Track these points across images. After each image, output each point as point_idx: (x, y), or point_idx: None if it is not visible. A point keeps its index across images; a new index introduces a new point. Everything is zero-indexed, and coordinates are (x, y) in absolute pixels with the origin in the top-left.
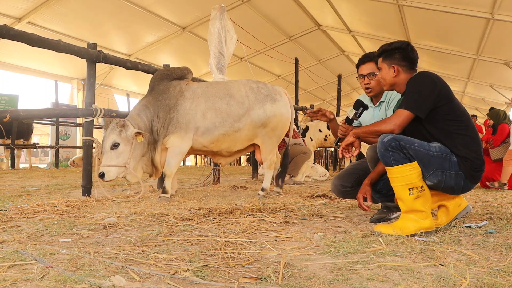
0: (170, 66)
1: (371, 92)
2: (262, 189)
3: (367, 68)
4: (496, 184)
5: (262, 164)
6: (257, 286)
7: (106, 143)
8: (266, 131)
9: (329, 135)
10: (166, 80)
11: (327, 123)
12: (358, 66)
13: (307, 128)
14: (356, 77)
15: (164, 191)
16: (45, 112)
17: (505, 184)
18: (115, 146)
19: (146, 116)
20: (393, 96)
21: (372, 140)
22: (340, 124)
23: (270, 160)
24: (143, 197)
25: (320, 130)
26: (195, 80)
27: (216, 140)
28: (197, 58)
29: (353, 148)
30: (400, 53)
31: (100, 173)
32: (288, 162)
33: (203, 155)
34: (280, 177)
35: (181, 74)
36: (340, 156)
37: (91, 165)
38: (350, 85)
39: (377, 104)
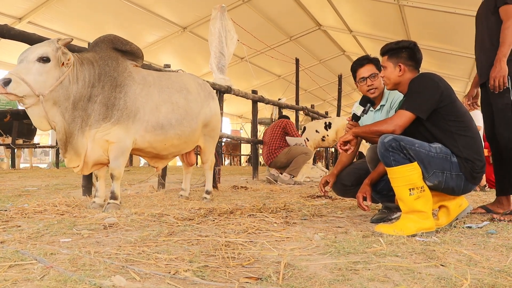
0: (171, 66)
1: (375, 93)
2: (207, 192)
3: (367, 70)
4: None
5: (190, 166)
6: (258, 286)
7: (33, 52)
8: (208, 130)
9: (327, 135)
10: (114, 47)
11: (324, 124)
12: (356, 69)
13: (304, 129)
14: (356, 82)
15: (114, 196)
16: None
17: (485, 185)
18: (43, 60)
19: (89, 73)
20: (396, 98)
21: (373, 139)
22: (347, 120)
23: (211, 160)
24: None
25: (317, 131)
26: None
27: (169, 141)
28: (197, 58)
29: (349, 145)
30: (408, 52)
31: (6, 78)
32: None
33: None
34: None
35: (135, 52)
36: (340, 151)
37: None
38: (350, 85)
39: (378, 107)
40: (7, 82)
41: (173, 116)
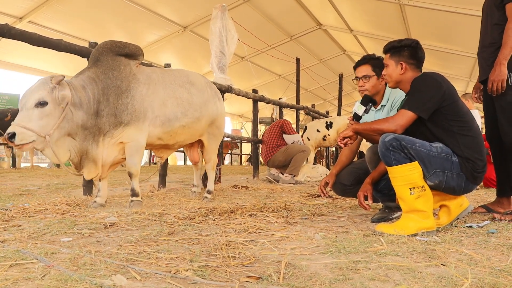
0: (171, 66)
1: (364, 93)
2: (209, 192)
3: (361, 70)
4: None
5: (196, 164)
6: (258, 285)
7: (30, 97)
8: (213, 129)
9: (328, 134)
10: (115, 54)
11: (325, 123)
12: (354, 69)
13: (305, 129)
14: (352, 79)
15: (135, 194)
16: None
17: None
18: (41, 104)
19: (93, 92)
20: (397, 98)
21: (373, 137)
22: (348, 119)
23: (214, 160)
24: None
25: (318, 130)
26: (144, 64)
27: (175, 132)
28: (198, 58)
29: (348, 139)
30: (409, 50)
31: (9, 133)
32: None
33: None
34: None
35: (134, 52)
36: (340, 145)
37: None
38: (351, 85)
39: (379, 107)
40: (12, 135)
41: (178, 110)
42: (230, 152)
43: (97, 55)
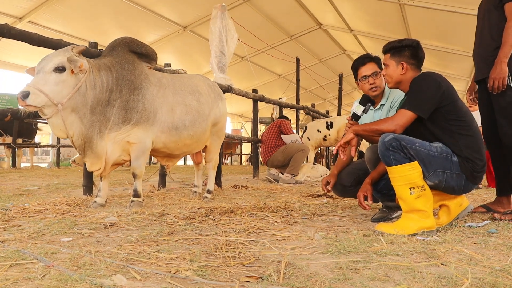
0: (171, 66)
1: (376, 91)
2: (209, 192)
3: (369, 68)
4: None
5: (198, 164)
6: (258, 285)
7: (49, 61)
8: (216, 130)
9: (329, 134)
10: (130, 50)
11: (326, 123)
12: (357, 68)
13: (305, 129)
14: (356, 81)
15: (137, 195)
16: None
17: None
18: (59, 69)
19: (107, 79)
20: (397, 98)
21: (373, 138)
22: (346, 119)
23: (215, 160)
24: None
25: (318, 130)
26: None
27: (182, 142)
28: (198, 57)
29: (350, 146)
30: (410, 50)
31: (25, 92)
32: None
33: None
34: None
35: (150, 55)
36: (335, 152)
37: None
38: (351, 84)
39: (378, 106)
40: (26, 94)
41: (187, 118)
42: (233, 153)
43: (113, 45)
